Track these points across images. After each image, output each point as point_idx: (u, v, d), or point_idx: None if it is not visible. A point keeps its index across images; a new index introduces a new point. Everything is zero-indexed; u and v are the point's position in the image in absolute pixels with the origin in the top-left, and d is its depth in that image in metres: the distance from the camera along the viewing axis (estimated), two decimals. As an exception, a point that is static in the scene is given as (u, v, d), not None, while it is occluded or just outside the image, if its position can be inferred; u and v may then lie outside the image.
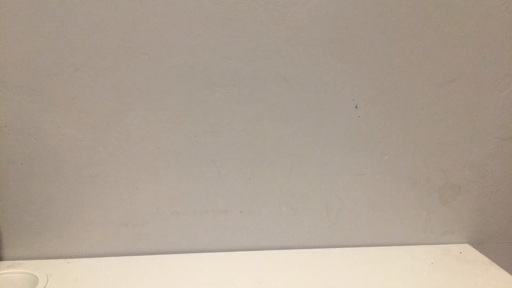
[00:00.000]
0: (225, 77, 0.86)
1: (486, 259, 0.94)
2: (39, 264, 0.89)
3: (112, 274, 0.86)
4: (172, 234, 0.94)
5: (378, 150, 0.94)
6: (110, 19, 0.81)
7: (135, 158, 0.89)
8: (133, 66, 0.84)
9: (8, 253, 0.91)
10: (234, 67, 0.86)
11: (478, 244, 1.01)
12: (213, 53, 0.85)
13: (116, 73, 0.84)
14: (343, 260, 0.93)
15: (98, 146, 0.87)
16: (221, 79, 0.86)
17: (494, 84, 0.92)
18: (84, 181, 0.89)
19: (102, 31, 0.82)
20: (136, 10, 0.81)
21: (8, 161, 0.86)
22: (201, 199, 0.92)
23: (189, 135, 0.89)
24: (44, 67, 0.82)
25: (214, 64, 0.85)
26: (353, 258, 0.93)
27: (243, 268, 0.89)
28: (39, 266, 0.87)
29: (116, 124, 0.87)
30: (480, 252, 0.97)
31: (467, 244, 1.00)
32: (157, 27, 0.83)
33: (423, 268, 0.90)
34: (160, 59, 0.84)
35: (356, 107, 0.91)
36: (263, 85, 0.88)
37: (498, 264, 0.91)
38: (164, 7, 0.82)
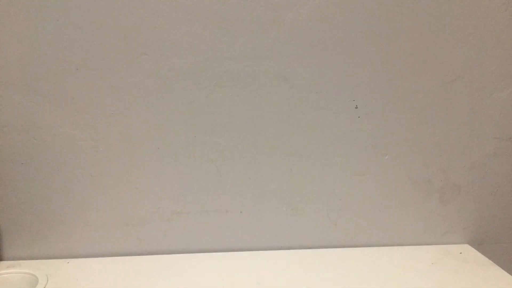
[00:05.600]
0: (225, 77, 0.86)
1: (486, 260, 0.94)
2: (39, 264, 0.89)
3: (112, 274, 0.86)
4: (172, 234, 0.94)
5: (378, 150, 0.94)
6: (110, 19, 0.81)
7: (135, 158, 0.89)
8: (133, 66, 0.84)
9: (8, 253, 0.91)
10: (234, 67, 0.86)
11: (478, 244, 1.01)
12: (213, 53, 0.85)
13: (116, 73, 0.84)
14: (343, 260, 0.93)
15: (98, 146, 0.87)
16: (221, 79, 0.86)
17: (494, 84, 0.92)
18: (84, 181, 0.89)
19: (102, 31, 0.82)
20: (136, 10, 0.81)
21: (8, 161, 0.86)
22: (201, 199, 0.92)
23: (189, 135, 0.89)
24: (44, 67, 0.82)
25: (214, 64, 0.85)
26: (353, 258, 0.93)
27: (243, 268, 0.89)
28: (39, 266, 0.87)
29: (116, 124, 0.87)
30: (480, 253, 0.97)
31: (467, 245, 1.00)
32: (157, 27, 0.83)
33: (423, 268, 0.90)
34: (160, 59, 0.84)
35: (356, 107, 0.91)
36: (263, 85, 0.88)
37: (498, 265, 0.91)
38: (164, 7, 0.82)
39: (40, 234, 0.90)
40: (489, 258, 0.94)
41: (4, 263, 0.89)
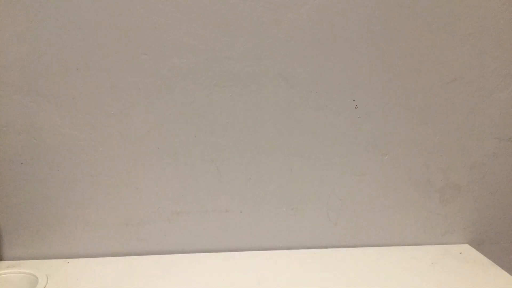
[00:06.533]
0: (225, 77, 0.86)
1: (486, 260, 0.94)
2: (39, 264, 0.89)
3: (112, 274, 0.86)
4: (172, 234, 0.94)
5: (378, 150, 0.94)
6: (110, 19, 0.81)
7: (135, 158, 0.89)
8: (133, 66, 0.84)
9: (8, 253, 0.91)
10: (234, 67, 0.86)
11: (478, 244, 1.01)
12: (213, 53, 0.85)
13: (116, 73, 0.84)
14: (343, 260, 0.93)
15: (98, 146, 0.87)
16: (221, 79, 0.86)
17: (494, 84, 0.92)
18: (84, 181, 0.89)
19: (102, 31, 0.82)
20: (136, 10, 0.81)
21: (8, 161, 0.86)
22: (201, 199, 0.92)
23: (189, 135, 0.89)
24: (44, 67, 0.82)
25: (214, 64, 0.85)
26: (353, 258, 0.93)
27: (243, 268, 0.89)
28: (39, 266, 0.87)
29: (116, 124, 0.87)
30: (480, 253, 0.97)
31: (467, 245, 1.00)
32: (157, 27, 0.83)
33: (423, 268, 0.90)
34: (160, 59, 0.84)
35: (356, 107, 0.91)
36: (263, 85, 0.88)
37: (498, 265, 0.91)
38: (164, 7, 0.82)
39: (40, 234, 0.90)
40: (489, 258, 0.94)
41: (4, 263, 0.89)
